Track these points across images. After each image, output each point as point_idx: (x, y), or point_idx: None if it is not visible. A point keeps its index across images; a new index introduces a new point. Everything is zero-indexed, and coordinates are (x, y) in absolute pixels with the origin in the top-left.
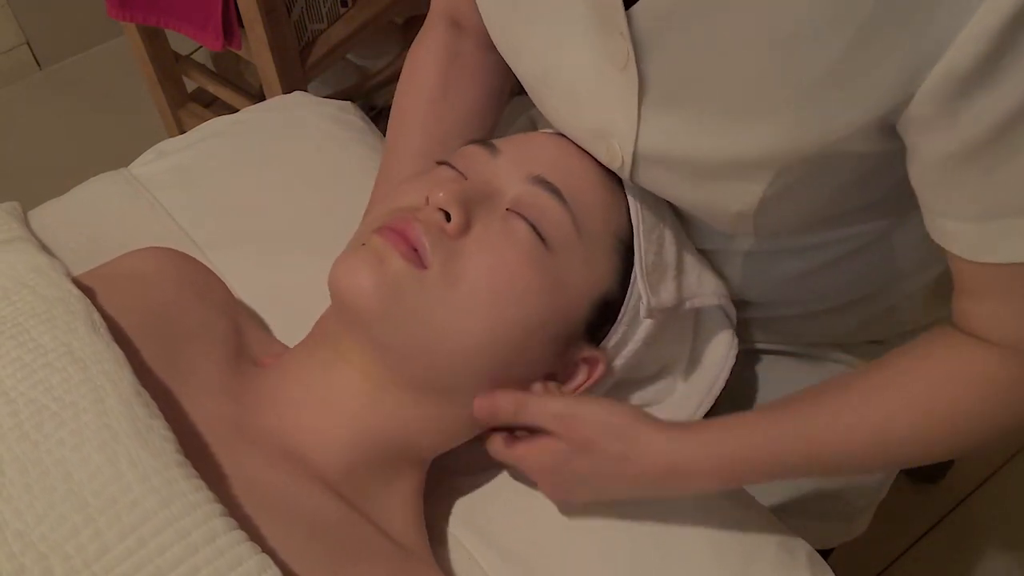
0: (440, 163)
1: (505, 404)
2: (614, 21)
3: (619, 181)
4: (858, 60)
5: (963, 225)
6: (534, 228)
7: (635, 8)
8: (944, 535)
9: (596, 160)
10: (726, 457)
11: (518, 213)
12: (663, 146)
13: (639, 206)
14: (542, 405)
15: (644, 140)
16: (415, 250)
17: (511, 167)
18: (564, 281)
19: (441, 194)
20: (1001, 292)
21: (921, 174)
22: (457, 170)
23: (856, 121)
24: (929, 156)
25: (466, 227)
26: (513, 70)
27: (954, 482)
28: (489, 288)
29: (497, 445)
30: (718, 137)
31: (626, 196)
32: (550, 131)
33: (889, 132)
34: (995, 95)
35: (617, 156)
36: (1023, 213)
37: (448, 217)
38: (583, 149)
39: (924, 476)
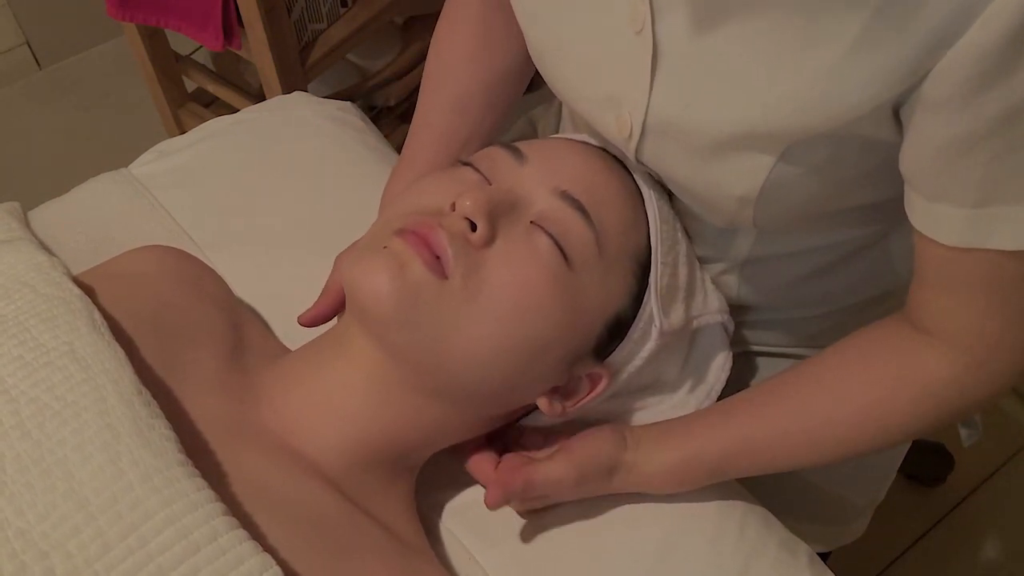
0: (464, 163)
1: (514, 485)
2: None
3: (640, 199)
4: (881, 32)
5: (957, 211)
6: (558, 245)
7: None
8: (944, 535)
9: (620, 177)
10: (678, 466)
11: (543, 228)
12: (674, 115)
13: (659, 225)
14: (546, 472)
15: (655, 109)
16: (437, 258)
17: (538, 178)
18: (581, 301)
19: (468, 203)
20: (972, 284)
21: (919, 157)
22: (481, 173)
23: (871, 99)
24: (933, 139)
25: (491, 239)
26: (526, 36)
27: (954, 482)
28: (508, 303)
29: (481, 468)
30: (731, 106)
31: (646, 214)
32: (574, 138)
33: (898, 119)
34: (1013, 80)
35: (626, 126)
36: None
37: (473, 227)
38: (607, 165)
39: (925, 480)
